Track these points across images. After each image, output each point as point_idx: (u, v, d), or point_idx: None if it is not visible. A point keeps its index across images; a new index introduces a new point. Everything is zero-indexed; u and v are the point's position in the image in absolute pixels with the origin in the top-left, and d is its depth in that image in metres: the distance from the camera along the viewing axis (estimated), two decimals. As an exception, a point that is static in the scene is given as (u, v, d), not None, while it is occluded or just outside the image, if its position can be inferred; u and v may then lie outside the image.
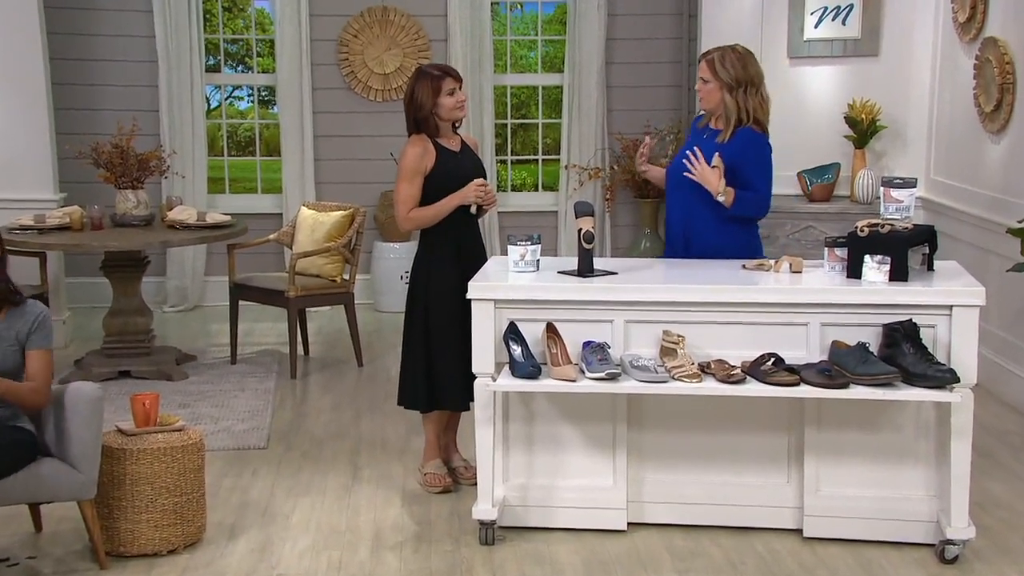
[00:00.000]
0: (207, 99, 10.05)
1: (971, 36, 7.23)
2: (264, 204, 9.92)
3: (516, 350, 4.79)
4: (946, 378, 4.53)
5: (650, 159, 5.66)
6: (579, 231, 4.99)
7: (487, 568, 4.70)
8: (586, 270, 4.99)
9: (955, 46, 7.57)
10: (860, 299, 4.72)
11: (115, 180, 7.53)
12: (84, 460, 4.58)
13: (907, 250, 4.80)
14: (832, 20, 8.19)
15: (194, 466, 4.85)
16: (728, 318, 4.79)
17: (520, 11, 10.66)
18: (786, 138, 8.15)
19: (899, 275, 4.75)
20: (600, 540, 4.93)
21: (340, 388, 7.34)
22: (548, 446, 5.05)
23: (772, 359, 4.65)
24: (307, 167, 9.62)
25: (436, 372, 5.41)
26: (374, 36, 9.62)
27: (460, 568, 4.70)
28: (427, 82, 5.33)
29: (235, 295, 7.89)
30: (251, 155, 10.70)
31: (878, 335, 4.70)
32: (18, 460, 4.50)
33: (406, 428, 6.38)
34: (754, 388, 4.63)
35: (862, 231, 4.83)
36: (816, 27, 8.22)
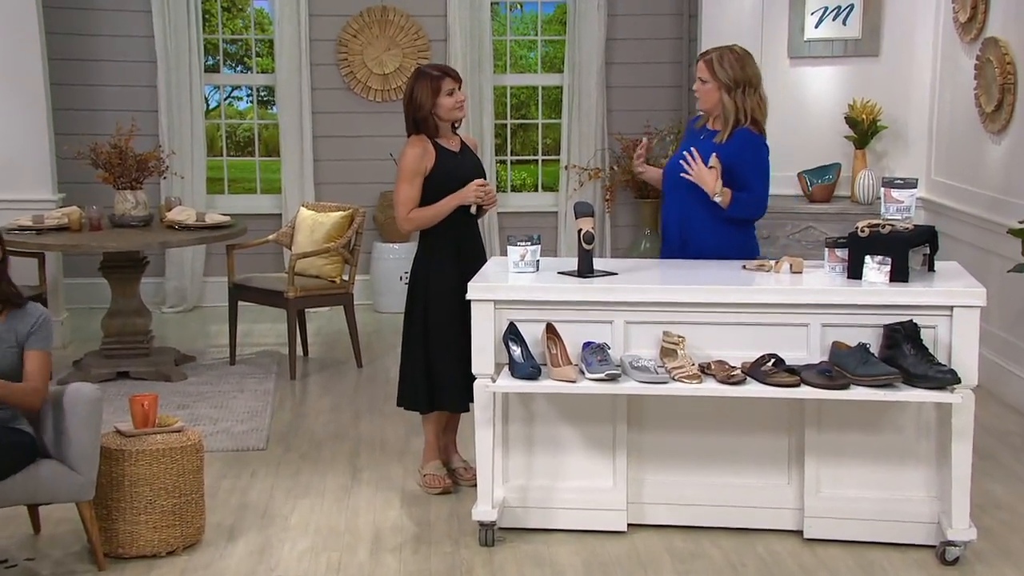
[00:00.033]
0: (206, 99, 10.05)
1: (972, 36, 7.22)
2: (263, 205, 9.91)
3: (516, 351, 4.78)
4: (947, 379, 4.52)
5: (649, 159, 5.65)
6: (579, 232, 4.98)
7: (487, 570, 4.69)
8: (586, 271, 4.98)
9: (956, 46, 7.56)
10: (861, 300, 4.71)
11: (114, 180, 7.52)
12: (83, 461, 4.57)
13: (908, 251, 4.79)
14: (832, 20, 8.18)
15: (193, 467, 4.84)
16: (728, 319, 4.78)
17: (520, 11, 10.66)
18: (786, 138, 8.16)
19: (900, 276, 4.75)
20: (600, 541, 4.92)
21: (339, 389, 7.33)
22: (548, 447, 5.04)
23: (772, 360, 4.65)
24: (306, 167, 9.61)
25: (436, 373, 5.40)
26: (373, 36, 9.61)
27: (460, 570, 4.69)
28: (426, 82, 5.32)
29: (234, 296, 7.88)
30: (250, 155, 10.69)
31: (879, 336, 4.69)
32: (17, 462, 4.49)
33: (405, 429, 6.37)
34: (754, 389, 4.62)
35: (863, 232, 4.82)
36: (816, 27, 8.21)
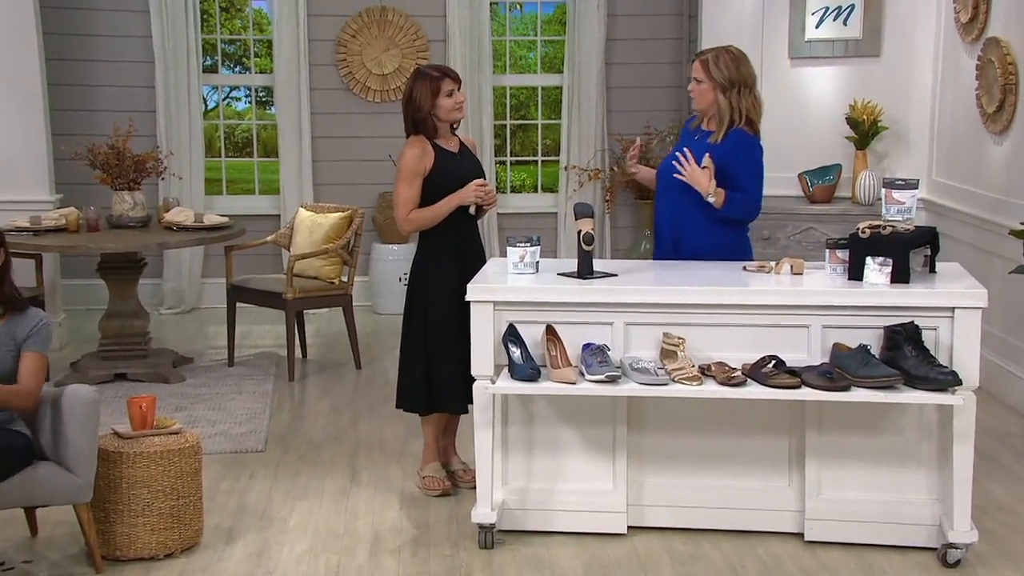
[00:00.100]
0: (204, 100, 10.03)
1: (973, 36, 7.20)
2: (262, 205, 9.90)
3: (515, 352, 4.77)
4: (948, 381, 4.51)
5: (650, 160, 5.64)
6: (579, 233, 4.97)
7: (486, 572, 4.67)
8: (586, 272, 4.97)
9: (957, 46, 7.55)
10: (861, 301, 4.70)
11: (111, 181, 7.50)
12: (80, 463, 4.56)
13: (909, 252, 4.78)
14: (833, 20, 8.17)
15: (191, 469, 4.82)
16: (729, 320, 4.77)
17: (519, 11, 10.65)
18: (787, 139, 8.17)
19: (901, 277, 4.74)
20: (600, 544, 4.91)
21: (338, 391, 7.31)
22: (548, 449, 5.03)
23: (773, 361, 4.63)
24: (305, 168, 9.59)
25: (435, 374, 5.39)
26: (372, 37, 9.60)
27: (459, 572, 4.68)
28: (426, 83, 5.31)
29: (232, 297, 7.86)
30: (248, 156, 10.69)
31: (879, 337, 4.68)
32: (14, 464, 4.48)
33: (404, 431, 6.36)
34: (755, 391, 4.61)
35: (863, 233, 4.82)
36: (817, 27, 8.19)
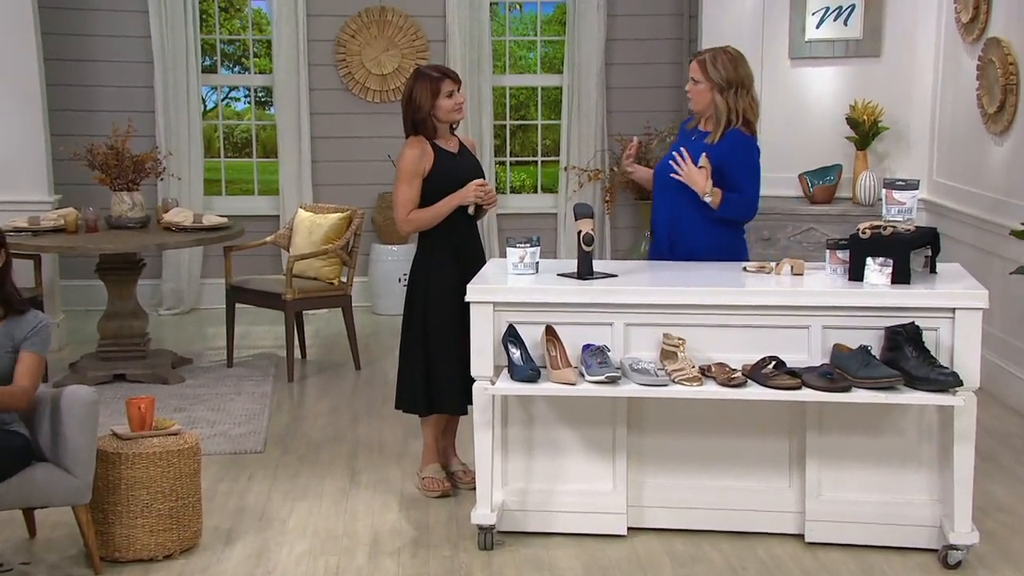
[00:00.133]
0: (203, 100, 10.02)
1: (974, 37, 7.19)
2: (261, 206, 9.88)
3: (515, 353, 4.76)
4: (949, 381, 4.50)
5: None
6: (579, 233, 4.96)
7: (486, 573, 4.66)
8: (586, 272, 4.96)
9: (958, 47, 7.54)
10: (862, 302, 4.70)
11: (110, 182, 7.49)
12: (79, 464, 4.55)
13: (909, 252, 4.78)
14: (834, 20, 8.15)
15: (190, 470, 4.82)
16: (729, 321, 4.76)
17: (519, 11, 10.64)
18: (787, 139, 8.17)
19: (901, 278, 4.73)
20: (600, 545, 4.90)
21: (337, 391, 7.30)
22: (547, 450, 5.02)
23: (773, 362, 4.63)
24: (304, 169, 9.58)
25: (435, 375, 5.38)
26: (372, 37, 9.59)
27: (458, 573, 4.67)
28: (426, 84, 5.30)
29: (231, 298, 7.85)
30: (248, 157, 10.68)
31: (880, 338, 4.67)
32: (12, 465, 4.47)
33: (404, 432, 6.35)
34: (755, 392, 4.60)
35: (864, 233, 4.81)
36: (818, 27, 8.18)
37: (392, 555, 4.85)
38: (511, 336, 4.78)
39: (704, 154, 5.17)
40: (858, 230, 4.84)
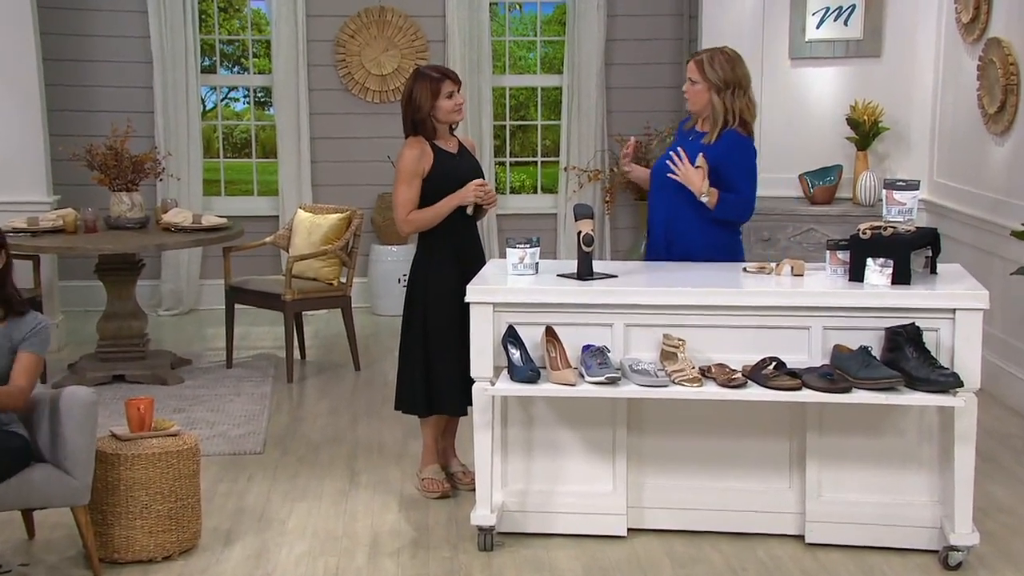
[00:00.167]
0: (202, 100, 10.00)
1: (975, 37, 7.18)
2: (260, 207, 9.87)
3: (515, 354, 4.75)
4: (949, 382, 4.49)
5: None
6: (578, 234, 4.95)
7: (485, 574, 4.66)
8: (585, 273, 4.95)
9: (958, 47, 7.53)
10: (862, 302, 4.69)
11: (109, 182, 7.48)
12: (78, 465, 4.54)
13: (910, 253, 4.77)
14: (834, 21, 8.15)
15: (189, 471, 4.81)
16: (729, 322, 4.75)
17: (519, 12, 10.62)
18: (788, 140, 8.16)
19: (902, 278, 4.73)
20: (600, 546, 4.89)
21: (337, 392, 7.29)
22: (547, 451, 5.01)
23: (773, 363, 4.62)
24: (303, 169, 9.57)
25: (434, 376, 5.37)
26: (371, 37, 9.58)
27: (458, 574, 4.66)
28: (426, 84, 5.29)
29: (231, 298, 7.84)
30: (247, 157, 10.66)
31: (880, 339, 4.66)
32: (11, 466, 4.47)
33: (403, 433, 6.34)
34: (755, 392, 4.59)
35: (864, 234, 4.80)
36: (818, 28, 8.18)
37: (392, 556, 4.84)
38: (511, 337, 4.77)
39: (701, 154, 5.17)
40: (858, 231, 4.83)
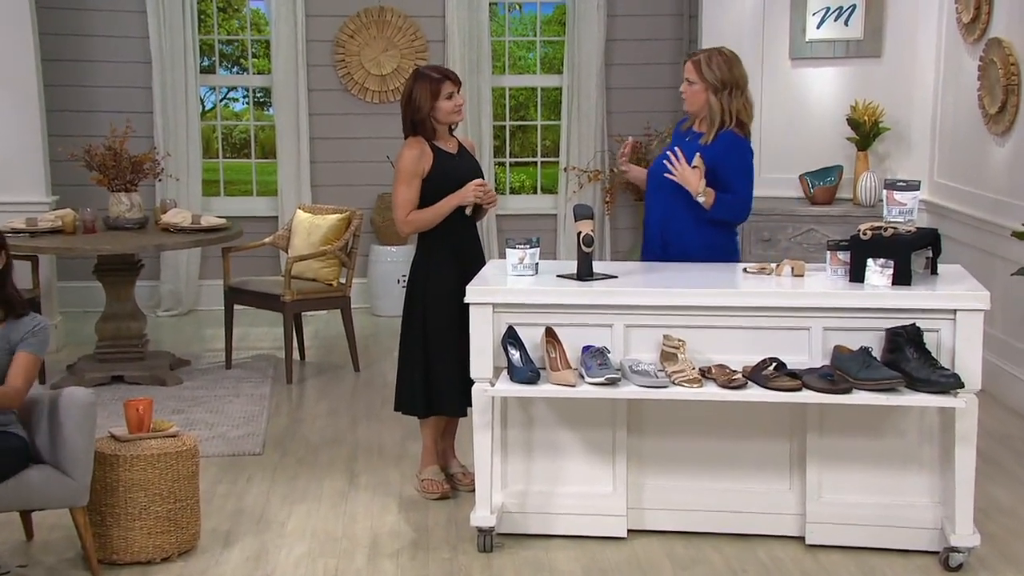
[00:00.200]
0: (202, 101, 9.99)
1: (975, 37, 7.17)
2: (259, 207, 9.86)
3: (515, 355, 4.74)
4: (950, 383, 4.48)
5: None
6: (578, 234, 4.94)
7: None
8: (585, 274, 4.95)
9: (959, 47, 7.51)
10: (863, 303, 4.68)
11: (108, 183, 7.47)
12: (76, 466, 4.53)
13: (910, 254, 4.76)
14: (834, 21, 8.14)
15: (188, 472, 4.80)
16: (729, 322, 4.75)
17: (519, 12, 10.61)
18: (788, 140, 8.15)
19: (902, 279, 4.72)
20: (600, 547, 4.88)
21: (336, 393, 7.28)
22: (547, 452, 5.00)
23: (774, 364, 4.61)
24: (303, 169, 9.56)
25: (434, 377, 5.37)
26: (371, 37, 9.57)
27: (458, 576, 4.66)
28: (426, 85, 5.28)
29: (230, 299, 7.83)
30: (246, 157, 10.65)
31: (881, 340, 4.66)
32: (9, 467, 4.46)
33: (403, 434, 6.33)
34: (756, 393, 4.58)
35: (865, 234, 4.79)
36: (818, 28, 8.16)
37: (391, 557, 4.83)
38: (510, 337, 4.76)
39: (698, 154, 5.16)
40: (859, 231, 4.82)
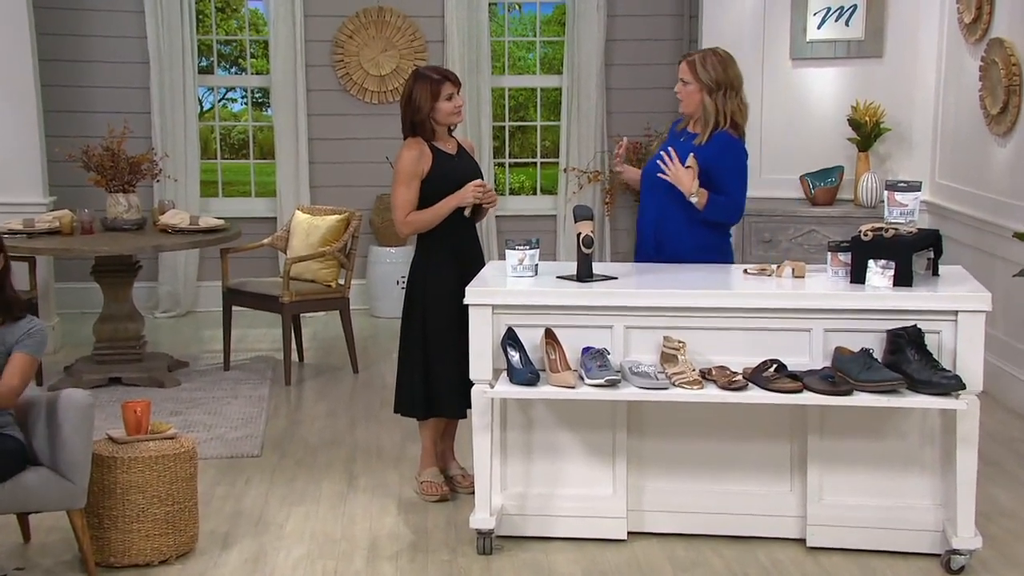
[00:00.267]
0: (200, 101, 9.97)
1: (977, 37, 7.16)
2: (258, 208, 9.84)
3: (514, 356, 4.72)
4: (951, 385, 4.47)
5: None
6: (578, 235, 4.93)
7: (484, 579, 4.64)
8: (585, 275, 4.93)
9: (960, 47, 7.50)
10: (864, 304, 4.67)
11: (106, 184, 7.45)
12: (74, 469, 4.52)
13: (912, 255, 4.76)
14: (835, 21, 8.12)
15: (186, 474, 4.79)
16: (730, 324, 4.73)
17: (518, 12, 10.60)
18: (788, 141, 8.14)
19: (903, 280, 4.71)
20: (600, 550, 4.87)
21: (335, 395, 7.26)
22: (547, 454, 4.98)
23: (774, 365, 4.60)
24: (301, 170, 9.54)
25: (433, 378, 5.35)
26: (370, 37, 9.55)
27: (457, 579, 4.64)
28: (426, 85, 5.27)
29: (228, 300, 7.81)
30: (244, 158, 10.64)
31: (882, 341, 4.64)
32: (6, 469, 4.45)
33: (402, 435, 6.31)
34: (756, 395, 4.57)
35: (866, 235, 4.79)
36: (819, 28, 8.15)
37: (390, 559, 4.82)
38: (510, 339, 4.74)
39: (691, 154, 5.15)
40: (860, 232, 4.81)
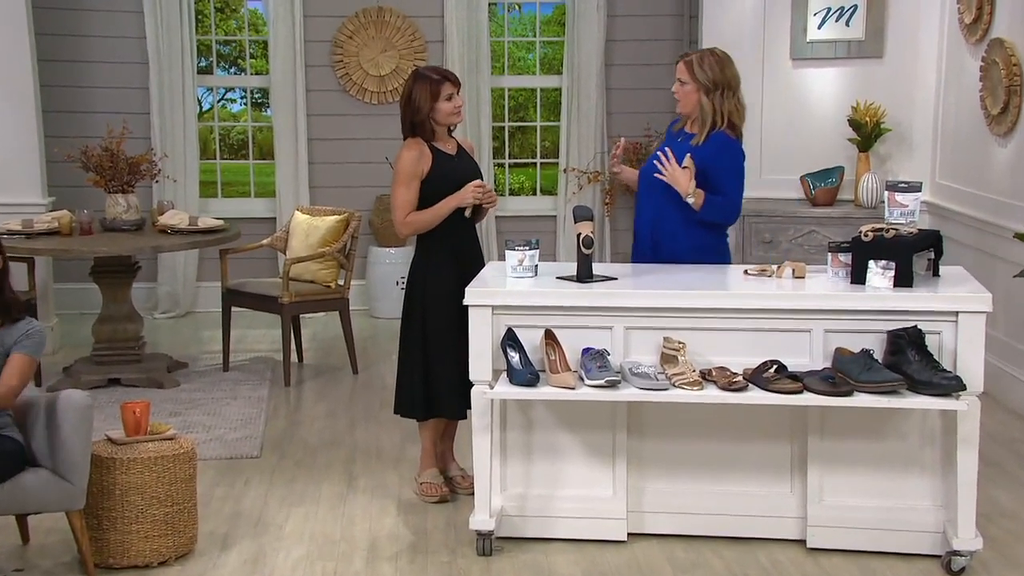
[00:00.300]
0: (199, 101, 9.97)
1: (977, 37, 7.15)
2: (257, 208, 9.84)
3: (514, 357, 4.72)
4: (952, 386, 4.47)
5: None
6: (578, 236, 4.93)
7: (484, 580, 4.63)
8: (585, 275, 4.93)
9: (961, 47, 7.49)
10: (864, 305, 4.66)
11: (105, 184, 7.45)
12: (73, 470, 4.52)
13: (912, 255, 4.75)
14: (835, 21, 8.12)
15: (186, 475, 4.78)
16: (730, 324, 4.73)
17: (518, 12, 10.60)
18: (789, 141, 8.13)
19: (904, 281, 4.71)
20: (599, 551, 4.86)
21: (335, 396, 7.26)
22: (547, 455, 4.98)
23: (775, 366, 4.59)
24: (301, 171, 9.54)
25: (433, 379, 5.35)
26: (369, 37, 9.54)
27: (456, 580, 4.64)
28: (425, 86, 5.26)
29: (227, 301, 7.80)
30: (244, 158, 10.63)
31: (883, 342, 4.64)
32: (5, 470, 4.44)
33: (402, 436, 6.31)
34: (756, 396, 4.56)
35: (866, 236, 4.78)
36: (819, 28, 8.14)
37: (390, 560, 4.81)
38: (510, 340, 4.74)
39: (688, 154, 5.15)
40: (860, 233, 4.81)
